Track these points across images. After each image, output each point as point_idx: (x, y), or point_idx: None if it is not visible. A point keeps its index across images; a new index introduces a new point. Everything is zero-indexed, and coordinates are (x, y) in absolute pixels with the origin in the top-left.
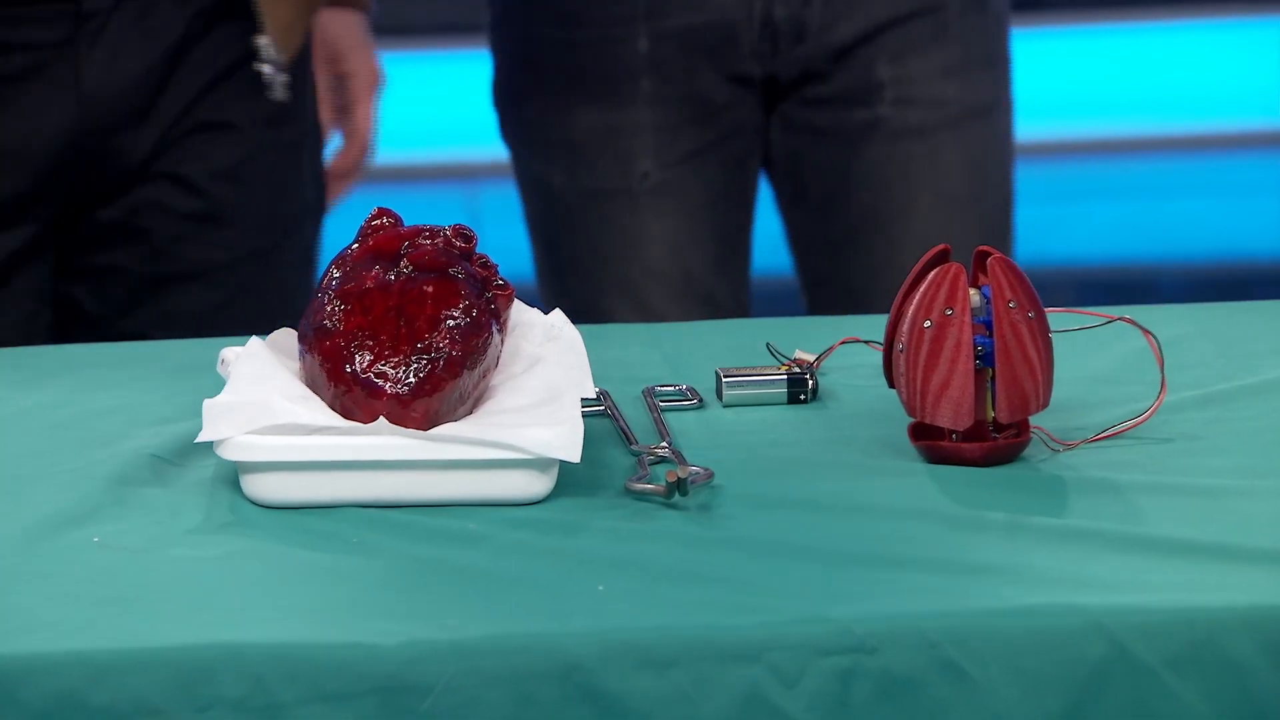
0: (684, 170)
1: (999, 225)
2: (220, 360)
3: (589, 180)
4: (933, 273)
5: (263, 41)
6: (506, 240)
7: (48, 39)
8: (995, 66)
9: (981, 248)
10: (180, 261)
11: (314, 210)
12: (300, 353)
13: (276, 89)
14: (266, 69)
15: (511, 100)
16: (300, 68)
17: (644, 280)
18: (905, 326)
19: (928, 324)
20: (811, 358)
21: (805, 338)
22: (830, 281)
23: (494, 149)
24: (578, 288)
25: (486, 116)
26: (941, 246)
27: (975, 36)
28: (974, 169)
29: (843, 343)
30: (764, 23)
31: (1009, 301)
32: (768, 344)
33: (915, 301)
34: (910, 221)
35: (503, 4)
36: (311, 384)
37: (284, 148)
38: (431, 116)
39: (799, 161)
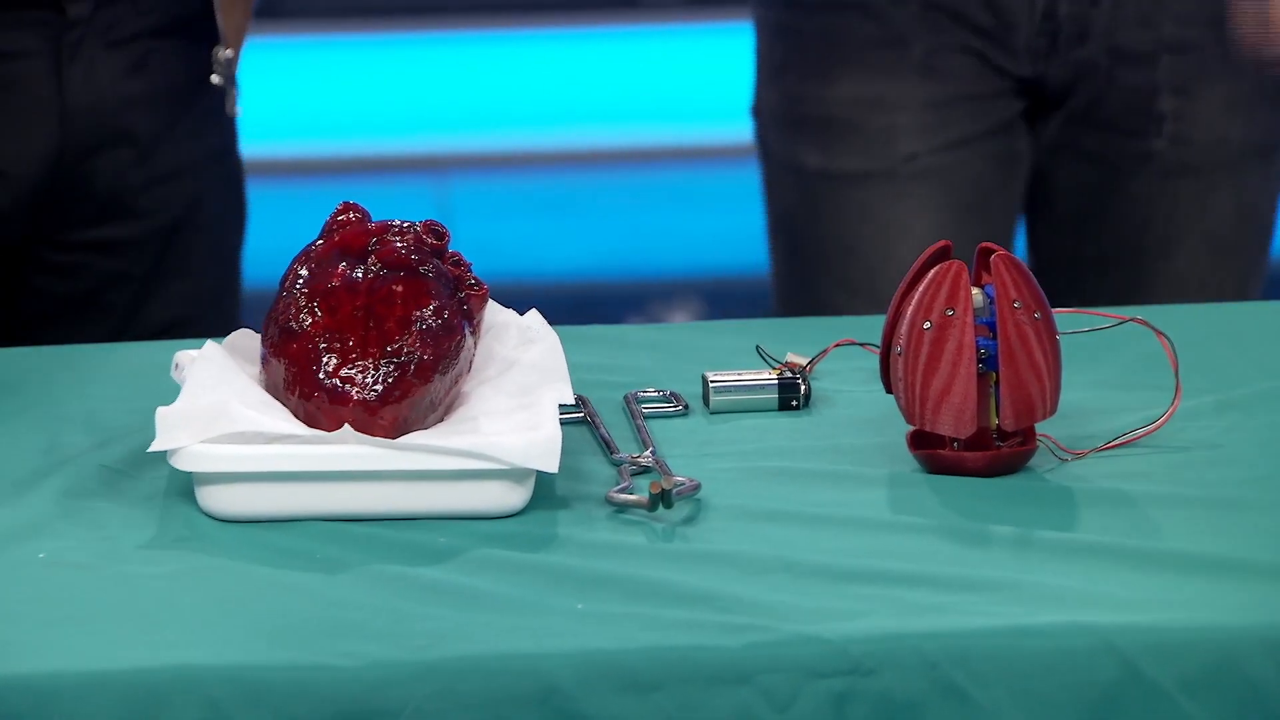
0: (954, 158)
1: (1257, 267)
2: (174, 365)
3: (846, 160)
4: (933, 271)
5: (221, 55)
6: (480, 236)
7: (31, 47)
8: None
9: (984, 244)
10: (140, 326)
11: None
12: (262, 356)
13: (231, 104)
14: (220, 81)
15: (768, 74)
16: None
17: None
18: (904, 328)
19: (927, 325)
20: (804, 361)
21: (797, 340)
22: (1066, 298)
23: (467, 138)
24: (820, 285)
25: (459, 103)
26: (943, 243)
27: None
28: (1244, 212)
29: (837, 345)
30: (1045, 16)
31: (1014, 301)
32: (757, 347)
33: (914, 301)
34: (1168, 260)
35: None
36: (274, 389)
37: (230, 183)
38: (400, 103)
39: (1051, 178)
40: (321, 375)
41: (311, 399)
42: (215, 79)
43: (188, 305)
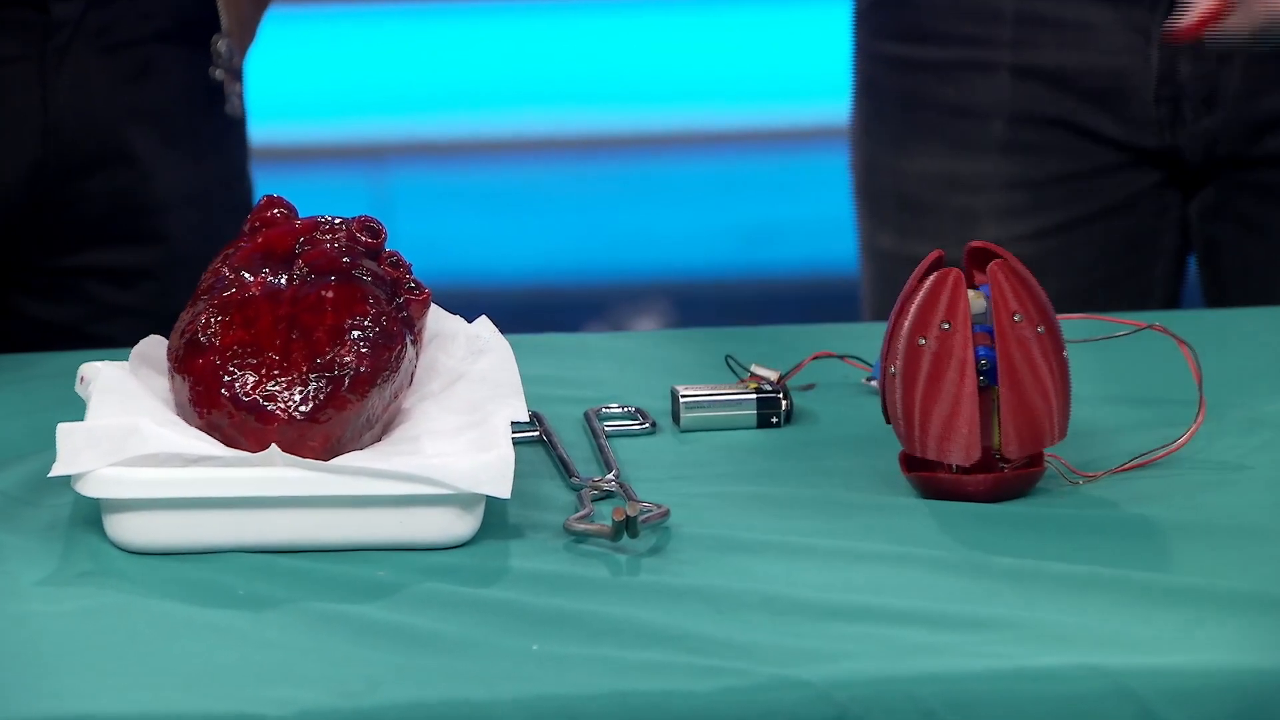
0: (1056, 244)
1: None
2: (79, 378)
3: (919, 245)
4: (928, 281)
5: (221, 45)
6: (421, 233)
7: (10, 51)
8: None
9: (975, 244)
10: None
11: None
12: (169, 372)
13: (232, 101)
14: (220, 77)
15: (856, 136)
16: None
17: None
18: (900, 345)
19: (922, 341)
20: (769, 374)
21: (775, 351)
22: None
23: (405, 123)
24: None
25: (397, 83)
26: (936, 253)
27: None
28: None
29: (814, 358)
30: (1163, 80)
31: (1014, 314)
32: (727, 358)
33: (910, 316)
34: None
35: (854, 16)
36: (181, 411)
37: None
38: (332, 84)
39: (1219, 253)
40: (237, 394)
41: (229, 419)
42: (215, 74)
43: None
